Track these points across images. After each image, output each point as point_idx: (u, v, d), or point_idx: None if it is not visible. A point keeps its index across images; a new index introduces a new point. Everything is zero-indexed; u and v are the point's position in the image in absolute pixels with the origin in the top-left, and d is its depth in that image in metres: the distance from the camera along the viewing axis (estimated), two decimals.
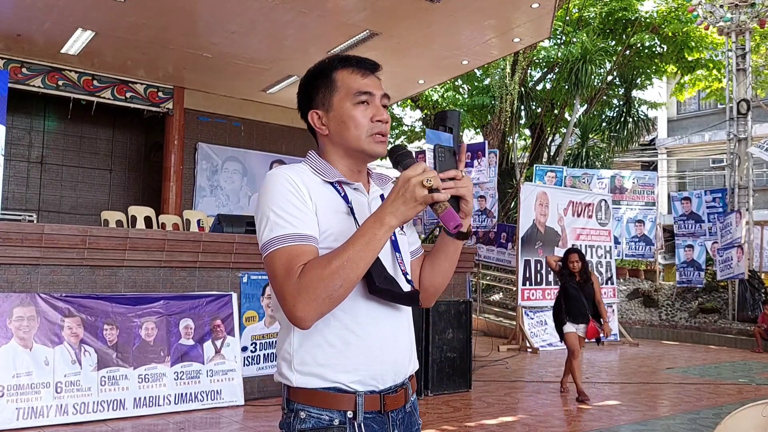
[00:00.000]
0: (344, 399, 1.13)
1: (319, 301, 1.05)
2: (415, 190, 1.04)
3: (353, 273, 1.05)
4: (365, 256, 1.05)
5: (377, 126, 1.20)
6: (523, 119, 15.05)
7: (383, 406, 1.16)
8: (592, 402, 4.96)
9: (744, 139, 10.59)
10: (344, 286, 1.05)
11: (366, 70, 1.24)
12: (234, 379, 4.37)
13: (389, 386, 1.18)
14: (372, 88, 1.22)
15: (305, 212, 1.13)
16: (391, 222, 1.06)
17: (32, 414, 3.63)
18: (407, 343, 1.23)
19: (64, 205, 9.85)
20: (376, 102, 1.22)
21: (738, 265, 9.51)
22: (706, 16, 10.83)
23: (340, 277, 1.04)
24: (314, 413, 1.13)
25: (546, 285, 8.51)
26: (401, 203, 1.06)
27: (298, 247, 1.09)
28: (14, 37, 7.60)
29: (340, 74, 1.23)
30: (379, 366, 1.15)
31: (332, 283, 1.04)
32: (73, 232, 3.93)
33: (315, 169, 1.22)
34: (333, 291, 1.04)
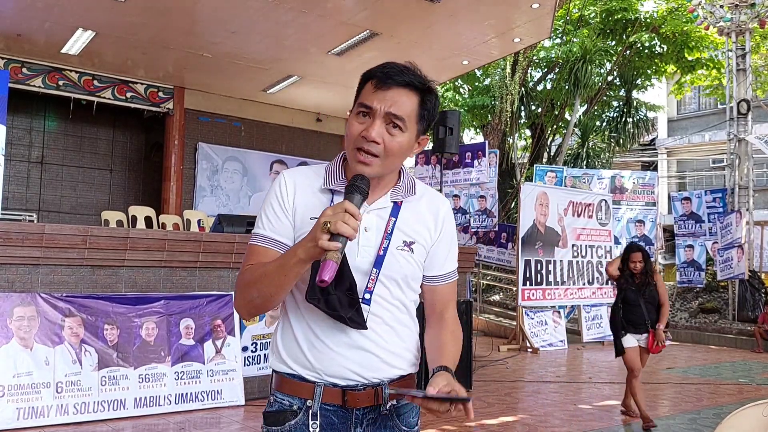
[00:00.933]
0: (304, 387, 1.19)
1: (244, 301, 1.16)
2: (317, 231, 1.03)
3: (266, 289, 1.11)
4: (277, 278, 1.09)
5: (360, 141, 1.15)
6: (524, 119, 15.05)
7: (345, 401, 1.18)
8: (592, 402, 4.96)
9: (744, 140, 10.59)
10: (260, 297, 1.12)
11: (385, 83, 1.16)
12: (234, 379, 4.36)
13: (353, 384, 1.18)
14: (376, 102, 1.15)
15: (279, 217, 1.20)
16: (300, 256, 1.06)
17: (33, 414, 3.63)
18: (381, 350, 1.19)
19: (65, 205, 9.85)
20: (376, 117, 1.15)
21: (738, 265, 9.52)
22: (706, 16, 10.83)
23: (256, 289, 1.12)
24: (279, 398, 1.21)
25: (546, 285, 8.51)
26: (308, 239, 1.05)
27: (260, 248, 1.19)
28: (15, 37, 7.60)
29: (366, 84, 1.20)
30: (338, 367, 1.17)
31: (249, 292, 1.14)
32: (74, 232, 3.93)
33: (327, 173, 1.24)
34: (251, 299, 1.14)
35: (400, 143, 1.16)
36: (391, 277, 1.20)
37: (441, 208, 1.29)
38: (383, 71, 1.17)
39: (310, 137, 10.92)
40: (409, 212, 1.24)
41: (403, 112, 1.15)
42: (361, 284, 1.17)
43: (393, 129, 1.15)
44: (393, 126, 1.15)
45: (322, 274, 1.00)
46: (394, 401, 1.22)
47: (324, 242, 1.01)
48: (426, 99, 1.19)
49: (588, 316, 8.94)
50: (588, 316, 8.94)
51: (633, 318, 4.33)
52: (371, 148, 1.14)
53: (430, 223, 1.26)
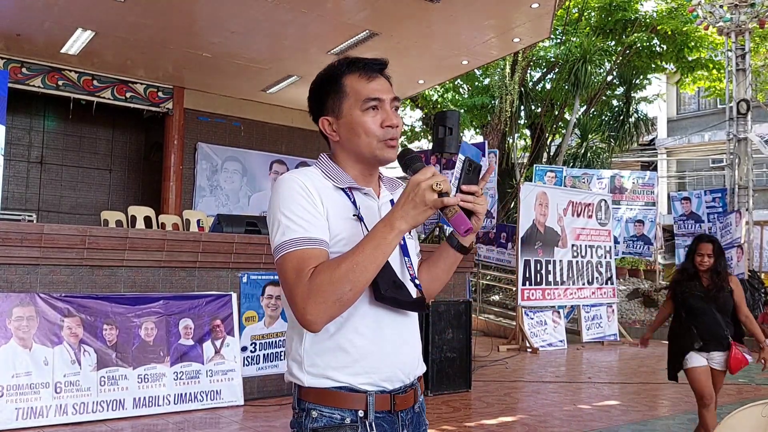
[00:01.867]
0: (355, 398, 1.14)
1: (329, 303, 1.05)
2: (425, 194, 1.05)
3: (362, 276, 1.05)
4: (374, 259, 1.06)
5: (388, 132, 1.19)
6: (523, 119, 15.05)
7: (393, 405, 1.17)
8: (592, 402, 4.96)
9: (744, 139, 10.59)
10: (353, 289, 1.06)
11: (373, 72, 1.22)
12: (234, 379, 4.36)
13: (398, 386, 1.19)
14: (381, 92, 1.21)
15: (316, 216, 1.14)
16: (401, 226, 1.06)
17: (32, 414, 3.62)
18: (415, 345, 1.25)
19: (64, 205, 9.84)
20: (385, 107, 1.20)
21: (738, 265, 9.51)
22: (705, 16, 10.83)
23: (349, 281, 1.05)
24: (326, 412, 1.14)
25: (546, 285, 8.50)
26: (411, 207, 1.06)
27: (309, 250, 1.10)
28: (14, 36, 7.59)
29: (348, 80, 1.22)
30: (388, 369, 1.17)
31: (341, 287, 1.05)
32: (73, 232, 3.93)
33: (326, 174, 1.23)
34: (342, 294, 1.05)
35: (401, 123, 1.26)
36: (415, 262, 1.27)
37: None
38: (364, 63, 1.23)
39: (309, 137, 10.91)
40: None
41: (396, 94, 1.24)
42: (400, 274, 1.21)
43: (396, 112, 1.24)
44: (396, 110, 1.23)
45: (466, 224, 1.07)
46: (421, 397, 1.28)
47: (448, 199, 1.05)
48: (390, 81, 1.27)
49: (588, 316, 8.94)
50: (588, 316, 8.93)
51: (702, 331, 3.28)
52: (396, 134, 1.21)
53: None
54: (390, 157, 1.22)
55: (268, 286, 4.76)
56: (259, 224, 5.02)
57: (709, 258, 3.34)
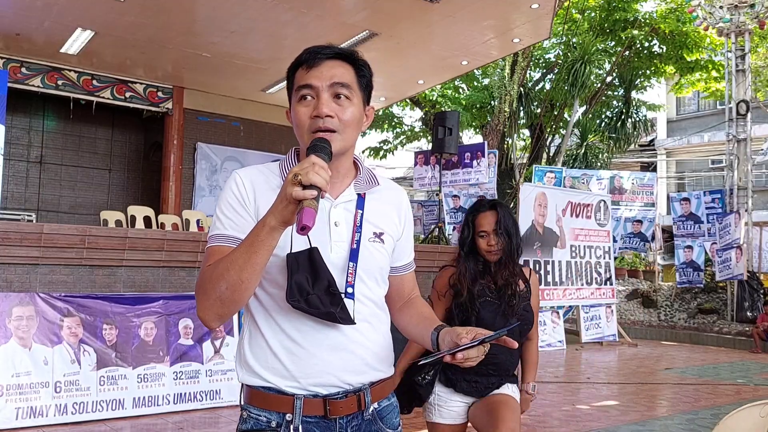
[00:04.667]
0: (282, 401, 1.11)
1: (210, 301, 1.03)
2: (287, 187, 0.97)
3: (236, 276, 1.01)
4: (248, 258, 1.00)
5: (314, 123, 1.12)
6: (523, 120, 15.07)
7: (327, 411, 1.12)
8: (591, 402, 4.97)
9: (743, 140, 10.60)
10: (230, 288, 1.01)
11: (316, 59, 1.14)
12: (233, 379, 4.36)
13: (335, 392, 1.13)
14: (314, 79, 1.13)
15: (241, 215, 1.12)
16: (270, 222, 1.00)
17: (31, 413, 3.63)
18: (361, 352, 1.15)
19: (63, 205, 9.84)
20: (321, 94, 1.12)
21: (737, 266, 9.53)
22: (705, 16, 10.84)
23: (224, 280, 1.01)
24: (254, 413, 1.13)
25: (545, 286, 8.51)
26: (279, 201, 0.99)
27: (221, 248, 1.10)
28: (13, 36, 7.59)
29: (297, 72, 1.18)
30: (319, 375, 1.11)
31: (218, 285, 1.02)
32: (73, 231, 3.94)
33: (281, 170, 1.20)
34: (221, 293, 1.02)
35: (352, 112, 1.15)
36: (368, 270, 1.17)
37: (402, 201, 1.29)
38: (309, 51, 1.17)
39: None
40: (374, 204, 1.22)
41: (345, 80, 1.14)
42: (339, 280, 1.12)
43: (340, 100, 1.13)
44: (338, 97, 1.13)
45: (303, 220, 0.95)
46: (375, 404, 1.19)
47: (298, 192, 0.95)
48: (360, 66, 1.19)
49: (587, 316, 8.95)
50: (586, 317, 8.94)
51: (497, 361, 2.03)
52: (328, 125, 1.11)
53: (395, 216, 1.25)
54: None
55: None
56: None
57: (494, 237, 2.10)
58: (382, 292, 1.22)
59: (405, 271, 1.31)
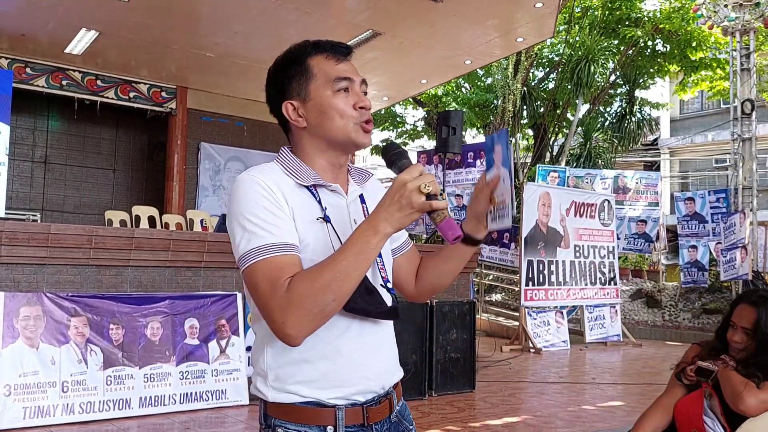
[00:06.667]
0: (323, 413, 1.07)
1: (311, 316, 0.97)
2: (412, 196, 0.96)
3: (346, 286, 0.97)
4: (358, 266, 0.97)
5: (363, 114, 1.12)
6: (526, 119, 15.05)
7: (366, 419, 1.10)
8: (596, 403, 4.96)
9: (748, 139, 10.57)
10: (336, 300, 0.97)
11: (341, 54, 1.15)
12: (239, 378, 4.37)
13: (371, 398, 1.12)
14: (351, 73, 1.14)
15: (283, 219, 1.04)
16: (385, 230, 0.98)
17: (39, 413, 3.64)
18: (389, 352, 1.17)
19: (68, 205, 9.87)
20: (356, 88, 1.13)
21: (742, 266, 9.50)
22: (710, 15, 10.80)
23: (332, 291, 0.96)
24: (292, 429, 1.08)
25: (549, 285, 8.51)
26: (396, 209, 0.97)
27: (281, 258, 1.01)
28: (19, 36, 7.61)
29: (314, 60, 1.15)
30: (359, 381, 1.10)
31: (324, 297, 0.96)
32: (79, 231, 3.95)
33: (288, 170, 1.13)
34: (325, 305, 0.97)
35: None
36: (388, 263, 1.17)
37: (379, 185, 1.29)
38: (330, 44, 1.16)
39: None
40: (369, 195, 1.21)
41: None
42: (372, 277, 1.10)
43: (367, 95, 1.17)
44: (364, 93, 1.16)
45: (456, 231, 0.99)
46: (398, 405, 1.19)
47: (437, 202, 0.96)
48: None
49: (591, 316, 8.93)
50: (591, 317, 8.93)
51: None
52: (370, 117, 1.14)
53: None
54: (366, 142, 1.13)
55: None
56: None
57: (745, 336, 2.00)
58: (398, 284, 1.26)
59: (407, 246, 1.31)
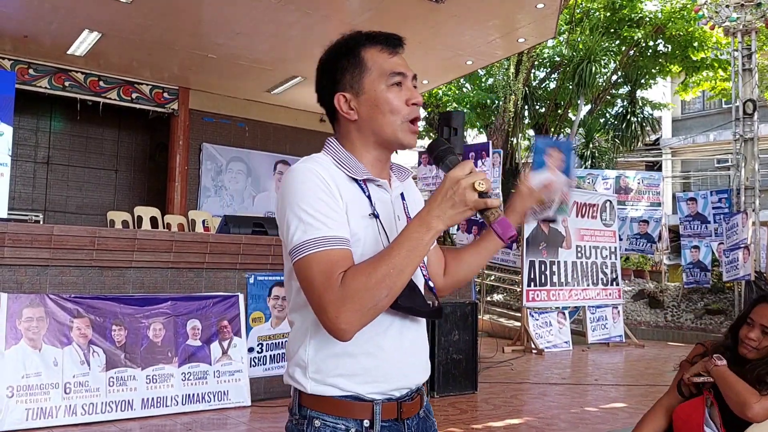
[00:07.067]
0: (361, 407, 1.08)
1: (364, 311, 0.98)
2: (466, 193, 0.95)
3: (399, 281, 0.98)
4: (411, 262, 0.97)
5: (413, 111, 1.11)
6: (527, 119, 15.04)
7: (400, 413, 1.12)
8: (599, 404, 4.96)
9: (750, 140, 10.55)
10: (389, 295, 0.98)
11: (394, 47, 1.14)
12: (241, 380, 4.38)
13: (406, 393, 1.14)
14: (404, 68, 1.13)
15: (338, 212, 1.04)
16: (438, 226, 0.97)
17: (41, 414, 3.65)
18: (424, 352, 1.19)
19: (70, 205, 9.89)
20: (408, 83, 1.12)
21: (744, 266, 9.48)
22: (711, 15, 10.79)
23: (386, 286, 0.97)
24: (330, 422, 1.08)
25: (550, 286, 8.50)
26: (449, 206, 0.96)
27: (336, 251, 1.01)
28: (21, 38, 7.63)
29: (369, 52, 1.13)
30: (397, 378, 1.12)
31: (378, 293, 0.97)
32: (82, 233, 3.95)
33: (339, 162, 1.11)
34: (379, 300, 0.97)
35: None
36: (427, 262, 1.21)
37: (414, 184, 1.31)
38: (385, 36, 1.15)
39: (313, 137, 10.93)
40: (408, 193, 1.23)
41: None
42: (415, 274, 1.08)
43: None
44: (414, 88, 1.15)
45: (510, 230, 0.96)
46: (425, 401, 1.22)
47: (489, 200, 0.95)
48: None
49: (593, 317, 8.92)
50: (593, 318, 8.92)
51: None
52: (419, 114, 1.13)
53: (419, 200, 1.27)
54: (411, 143, 1.13)
55: (274, 287, 4.77)
56: (266, 225, 5.04)
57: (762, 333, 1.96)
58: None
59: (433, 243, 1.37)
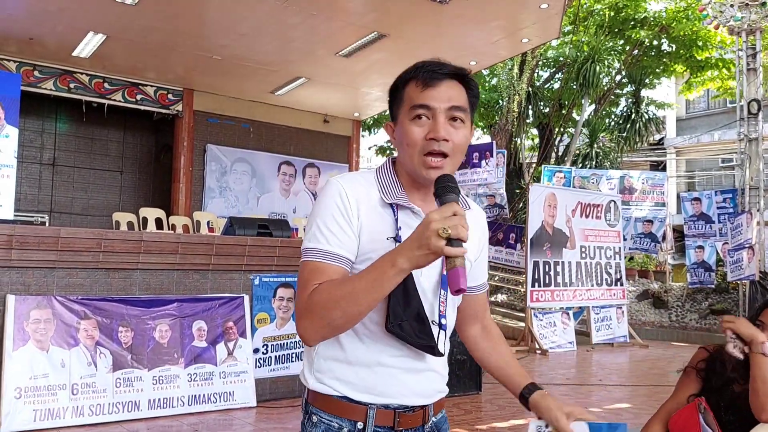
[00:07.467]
0: (356, 409, 1.12)
1: (319, 325, 1.03)
2: (431, 238, 0.94)
3: (354, 308, 1.00)
4: (370, 293, 0.99)
5: (429, 145, 1.09)
6: (531, 119, 15.03)
7: (396, 423, 1.13)
8: (603, 405, 4.96)
9: (755, 139, 10.52)
10: (344, 318, 1.02)
11: (433, 79, 1.12)
12: (246, 380, 4.40)
13: (406, 405, 1.15)
14: (432, 100, 1.10)
15: (345, 231, 1.09)
16: (402, 265, 0.98)
17: (49, 415, 3.67)
18: (435, 380, 1.19)
19: (76, 207, 9.93)
20: (438, 116, 1.10)
21: (749, 266, 9.45)
22: (716, 15, 10.76)
23: (340, 308, 1.01)
24: (325, 419, 1.13)
25: (554, 286, 8.49)
26: (416, 247, 0.97)
27: (324, 265, 1.07)
28: (27, 40, 7.67)
29: (408, 86, 1.15)
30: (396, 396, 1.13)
31: (332, 313, 1.01)
32: (89, 235, 3.98)
33: (380, 184, 1.15)
34: (332, 320, 1.02)
35: (465, 136, 1.13)
36: (453, 297, 1.16)
37: (482, 223, 1.28)
38: (426, 69, 1.13)
39: (317, 138, 10.95)
40: None
41: (461, 103, 1.12)
42: (430, 308, 1.12)
43: (455, 123, 1.11)
44: (454, 120, 1.11)
45: (460, 283, 0.94)
46: (434, 417, 1.21)
47: (449, 249, 0.93)
48: (470, 86, 1.16)
49: (597, 317, 8.91)
50: (597, 318, 8.91)
51: None
52: (443, 148, 1.09)
53: (476, 239, 1.23)
54: (425, 176, 1.11)
55: (279, 288, 4.79)
56: (271, 227, 5.05)
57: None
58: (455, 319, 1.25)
59: (476, 292, 1.32)
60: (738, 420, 1.90)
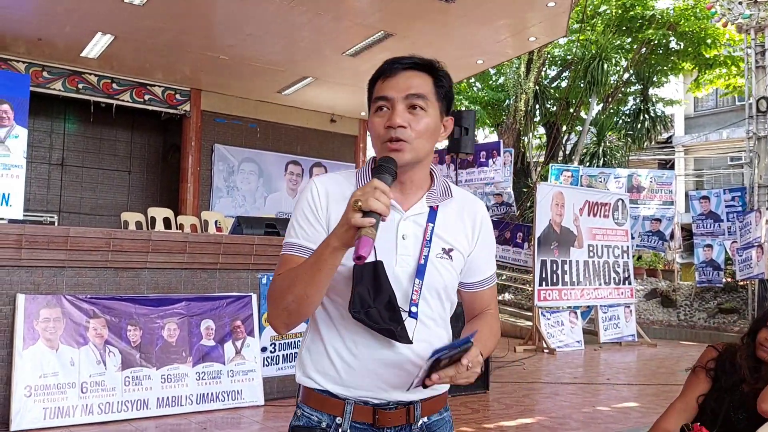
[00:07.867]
0: (333, 403, 1.14)
1: (278, 311, 1.09)
2: (348, 212, 0.99)
3: (302, 290, 1.05)
4: (313, 275, 1.04)
5: (387, 133, 1.12)
6: (538, 118, 14.97)
7: (376, 420, 1.13)
8: (611, 404, 4.94)
9: (764, 137, 10.43)
10: (296, 302, 1.07)
11: (393, 71, 1.16)
12: (254, 379, 4.41)
13: (385, 403, 1.14)
14: (389, 90, 1.14)
15: (314, 225, 1.15)
16: (333, 243, 1.02)
17: (59, 414, 3.70)
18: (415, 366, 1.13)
19: (85, 206, 10.01)
20: (396, 105, 1.13)
21: (758, 265, 9.37)
22: (724, 12, 10.67)
23: (291, 293, 1.07)
24: (306, 412, 1.16)
25: (562, 285, 8.46)
26: (341, 225, 1.01)
27: (292, 257, 1.14)
28: (36, 41, 7.74)
29: (375, 83, 1.20)
30: (370, 388, 1.13)
31: (286, 297, 1.07)
32: (98, 234, 4.01)
33: (358, 180, 1.19)
34: (287, 304, 1.07)
35: (426, 123, 1.14)
36: (432, 287, 1.15)
37: (478, 213, 1.24)
38: (388, 62, 1.18)
39: (324, 138, 10.97)
40: (446, 217, 1.19)
41: (421, 90, 1.14)
42: (404, 296, 1.12)
43: (415, 111, 1.13)
44: (414, 108, 1.13)
45: (359, 250, 0.96)
46: (425, 418, 1.18)
47: (357, 219, 0.97)
48: (439, 76, 1.18)
49: (605, 316, 8.87)
50: (605, 317, 8.87)
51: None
52: (399, 135, 1.11)
53: (468, 229, 1.22)
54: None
55: None
56: (278, 226, 5.07)
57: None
58: (445, 311, 1.21)
59: (478, 288, 1.28)
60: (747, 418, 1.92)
